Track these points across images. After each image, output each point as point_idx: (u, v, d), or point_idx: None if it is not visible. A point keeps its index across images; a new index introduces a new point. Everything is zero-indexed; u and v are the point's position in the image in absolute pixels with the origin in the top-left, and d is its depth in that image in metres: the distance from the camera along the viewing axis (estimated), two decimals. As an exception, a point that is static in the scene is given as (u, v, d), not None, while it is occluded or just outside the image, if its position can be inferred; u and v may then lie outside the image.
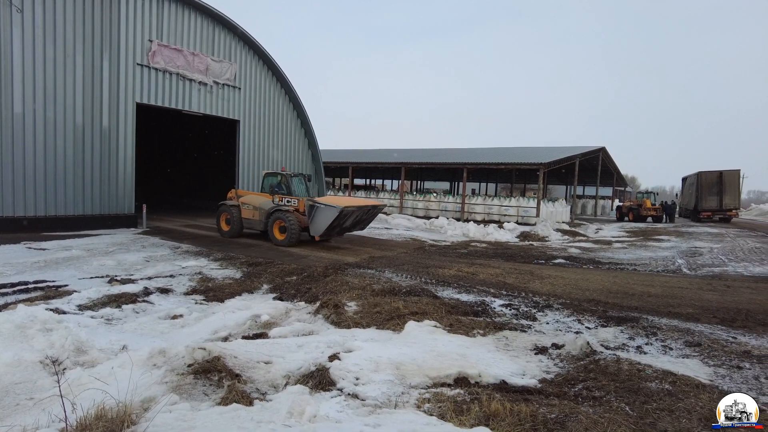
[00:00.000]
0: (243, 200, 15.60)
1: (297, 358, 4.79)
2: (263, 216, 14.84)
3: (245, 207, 15.41)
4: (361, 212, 14.21)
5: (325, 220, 13.17)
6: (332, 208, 13.02)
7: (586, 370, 4.85)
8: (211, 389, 3.96)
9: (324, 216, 13.16)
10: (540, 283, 9.85)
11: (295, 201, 14.56)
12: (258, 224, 15.06)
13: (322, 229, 13.35)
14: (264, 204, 15.02)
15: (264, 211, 14.84)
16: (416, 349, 5.05)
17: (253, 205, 15.19)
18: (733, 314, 7.46)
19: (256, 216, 15.07)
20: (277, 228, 14.38)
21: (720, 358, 5.32)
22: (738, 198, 36.09)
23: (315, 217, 13.32)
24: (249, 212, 15.30)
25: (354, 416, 3.71)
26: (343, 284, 8.60)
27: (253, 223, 15.25)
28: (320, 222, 13.28)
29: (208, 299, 8.08)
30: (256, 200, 15.33)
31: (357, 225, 14.89)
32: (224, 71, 20.04)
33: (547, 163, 26.88)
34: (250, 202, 15.37)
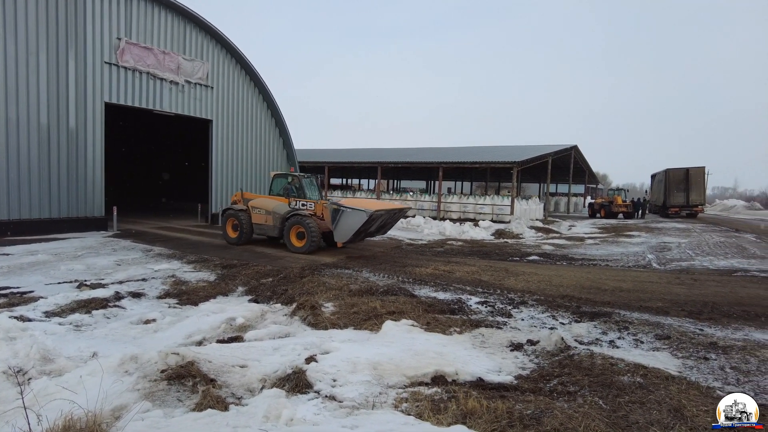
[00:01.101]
0: (253, 204, 14.37)
1: (273, 361, 4.74)
2: (278, 221, 13.65)
3: (256, 211, 14.21)
4: (387, 216, 13.40)
5: (352, 226, 12.27)
6: (361, 213, 12.12)
7: (560, 366, 4.94)
8: (185, 395, 3.88)
9: (351, 221, 12.25)
10: (515, 280, 9.98)
11: (311, 204, 13.59)
12: (271, 230, 13.89)
13: (348, 234, 12.45)
14: (278, 208, 13.82)
15: (279, 216, 13.64)
16: (394, 349, 5.05)
17: (266, 210, 13.99)
18: (700, 307, 7.69)
19: (269, 221, 13.88)
20: (295, 234, 13.30)
21: (688, 350, 5.48)
22: (703, 194, 37.28)
23: (340, 222, 12.40)
24: (261, 217, 14.09)
25: (331, 418, 3.69)
26: (319, 285, 8.54)
27: (265, 229, 14.07)
28: (347, 227, 12.37)
29: (181, 303, 7.92)
30: (268, 204, 14.09)
31: (380, 229, 14.07)
32: (196, 70, 19.69)
33: (521, 162, 27.25)
34: (261, 206, 14.16)
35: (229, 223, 14.76)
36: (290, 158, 24.98)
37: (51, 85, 15.15)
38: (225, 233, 14.80)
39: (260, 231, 14.24)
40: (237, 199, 15.22)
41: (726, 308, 7.63)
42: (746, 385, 4.52)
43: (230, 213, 14.72)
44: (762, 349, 5.47)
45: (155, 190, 31.98)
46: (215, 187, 21.06)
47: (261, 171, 23.38)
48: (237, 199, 15.25)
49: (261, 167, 23.36)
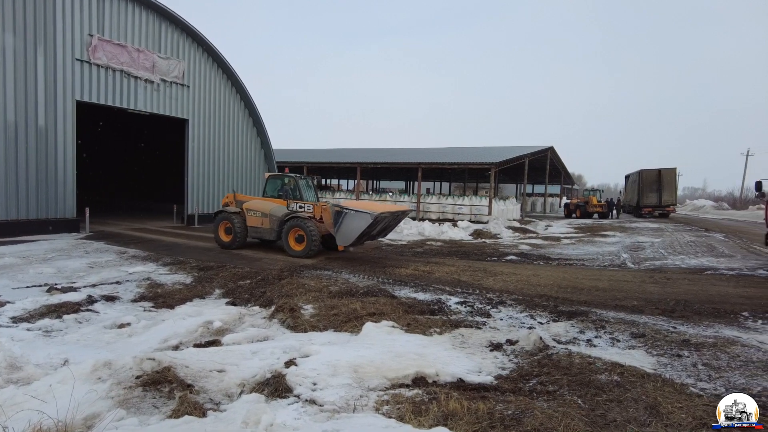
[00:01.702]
0: (248, 206, 13.81)
1: (252, 365, 4.67)
2: (275, 224, 13.17)
3: (251, 214, 13.66)
4: (391, 218, 12.95)
5: (356, 228, 11.81)
6: (365, 215, 11.64)
7: (539, 365, 4.98)
8: (161, 401, 3.79)
9: (355, 223, 11.79)
10: (493, 279, 10.06)
11: (310, 206, 13.21)
12: (268, 233, 13.42)
13: (352, 237, 11.98)
14: (276, 210, 13.36)
15: (276, 218, 13.18)
16: (374, 351, 5.03)
17: (262, 212, 13.47)
18: (673, 305, 7.88)
19: (265, 224, 13.38)
20: (293, 237, 12.81)
21: (662, 348, 5.59)
22: (675, 194, 38.29)
23: (343, 224, 11.93)
24: (256, 220, 13.56)
25: (312, 422, 3.65)
26: (299, 287, 8.46)
27: (261, 232, 13.59)
28: (350, 230, 11.90)
29: (157, 306, 7.75)
30: (265, 206, 13.59)
31: (382, 232, 13.64)
32: (172, 69, 19.34)
33: (498, 163, 27.55)
34: (257, 208, 13.62)
35: (221, 227, 14.10)
36: (268, 158, 24.74)
37: (18, 82, 14.68)
38: (217, 237, 14.15)
39: (255, 234, 13.76)
40: (229, 201, 14.71)
41: (697, 306, 7.83)
42: (717, 381, 4.63)
43: (223, 216, 14.09)
44: (731, 346, 5.62)
45: (130, 191, 31.29)
46: (191, 187, 20.72)
47: (238, 171, 23.10)
48: (229, 201, 14.75)
49: (238, 167, 23.09)
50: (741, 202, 58.24)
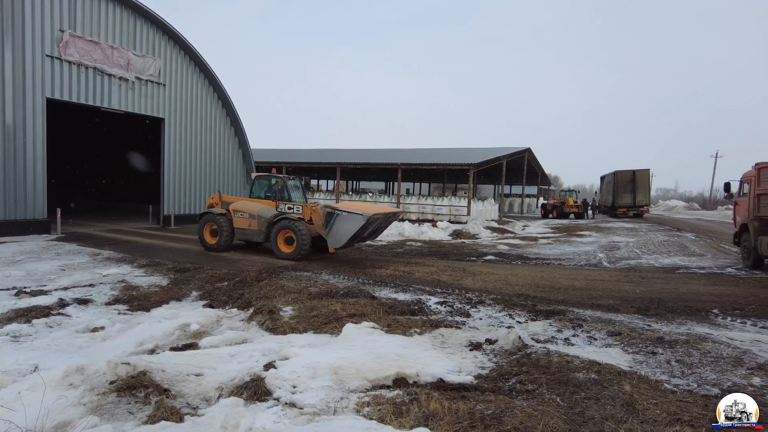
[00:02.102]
0: (235, 207, 13.43)
1: (230, 369, 4.61)
2: (263, 225, 12.82)
3: (239, 215, 13.28)
4: (383, 219, 12.81)
5: (348, 230, 11.63)
6: (358, 216, 11.48)
7: (518, 364, 5.03)
8: (136, 407, 3.70)
9: (348, 225, 11.60)
10: (472, 279, 10.13)
11: (299, 208, 12.98)
12: (256, 235, 13.03)
13: (344, 239, 11.83)
14: (264, 211, 13.00)
15: (265, 220, 12.82)
16: (355, 352, 5.01)
17: (250, 213, 13.10)
18: (647, 303, 8.05)
19: (253, 225, 13.01)
20: (283, 239, 12.48)
21: (638, 346, 5.71)
22: (649, 195, 39.22)
23: (335, 226, 11.75)
24: (243, 221, 13.18)
25: (292, 426, 3.61)
26: (277, 288, 8.38)
27: (249, 234, 13.21)
28: (342, 232, 11.73)
29: (132, 309, 7.58)
30: (252, 207, 13.21)
31: (373, 234, 13.44)
32: (147, 67, 18.96)
33: (477, 164, 27.77)
34: (244, 210, 13.25)
35: (206, 228, 13.67)
36: (246, 158, 24.48)
37: (-14, 79, 14.21)
38: (202, 239, 13.72)
39: (242, 236, 13.39)
40: (214, 202, 14.34)
41: (671, 304, 8.02)
42: (690, 377, 4.74)
43: (208, 217, 13.66)
44: (703, 342, 5.77)
45: (104, 192, 30.59)
46: (167, 187, 20.36)
47: (216, 171, 22.79)
48: (214, 201, 14.37)
49: (216, 167, 22.78)
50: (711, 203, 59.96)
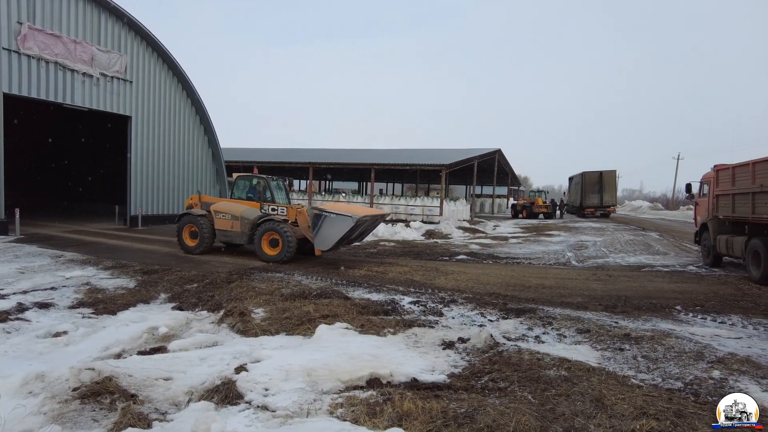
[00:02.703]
0: (216, 208, 12.95)
1: (200, 372, 4.51)
2: (247, 227, 12.39)
3: (220, 216, 12.79)
4: (370, 222, 12.66)
5: (336, 232, 11.41)
6: (347, 218, 11.26)
7: (490, 362, 5.09)
8: (101, 414, 3.58)
9: (336, 227, 11.38)
10: (445, 279, 10.21)
11: (284, 209, 12.62)
12: (238, 237, 12.61)
13: (332, 242, 11.59)
14: (248, 213, 12.56)
15: (248, 222, 12.38)
16: (328, 354, 4.97)
17: (232, 214, 12.63)
18: (615, 301, 8.27)
19: (236, 227, 12.56)
20: (267, 241, 12.13)
21: (606, 342, 5.85)
22: (615, 196, 40.36)
23: (323, 228, 11.51)
24: (225, 222, 12.71)
25: (264, 429, 3.57)
26: (249, 290, 8.26)
27: (231, 236, 12.76)
28: (330, 234, 11.49)
29: (97, 312, 7.33)
30: (235, 208, 12.77)
31: (360, 236, 13.24)
32: (113, 62, 18.39)
33: (449, 165, 28.03)
34: (226, 211, 12.79)
35: (186, 230, 13.18)
36: (216, 157, 24.05)
37: (-62, 73, 13.54)
38: (181, 241, 13.24)
39: (224, 238, 12.97)
40: (193, 203, 13.84)
41: (637, 301, 8.25)
42: (655, 372, 4.89)
43: (188, 218, 13.13)
44: (667, 338, 5.96)
45: (68, 192, 29.54)
46: (134, 187, 19.80)
47: (184, 170, 22.29)
48: (193, 202, 13.87)
49: (184, 166, 22.28)
50: (673, 203, 62.11)
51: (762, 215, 9.71)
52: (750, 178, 10.14)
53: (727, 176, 11.47)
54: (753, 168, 10.08)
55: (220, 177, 24.49)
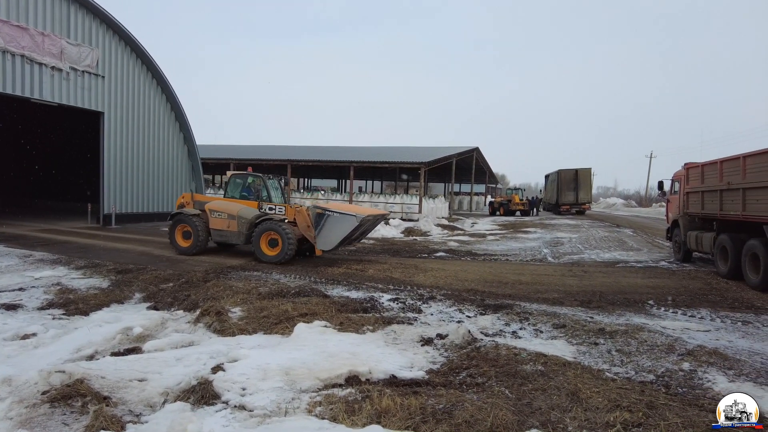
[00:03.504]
0: (211, 207, 12.49)
1: (176, 373, 4.44)
2: (244, 227, 11.95)
3: (216, 216, 12.34)
4: (372, 221, 12.50)
5: (339, 232, 11.29)
6: (350, 217, 11.18)
7: (468, 358, 5.13)
8: (72, 418, 3.49)
9: (339, 227, 11.26)
10: (424, 276, 10.25)
11: (282, 208, 12.25)
12: (235, 237, 12.16)
13: (335, 242, 11.46)
14: (245, 212, 12.13)
15: (246, 221, 11.96)
16: (306, 352, 4.95)
17: (229, 213, 12.18)
18: (590, 296, 8.43)
19: (232, 227, 12.11)
20: (266, 241, 11.71)
21: (581, 337, 5.96)
22: (590, 193, 41.12)
23: (325, 227, 11.36)
24: (221, 222, 12.25)
25: (242, 429, 3.53)
26: (226, 289, 8.16)
27: (227, 236, 12.29)
28: (333, 234, 11.35)
29: (69, 313, 7.14)
30: (232, 207, 12.32)
31: (361, 236, 13.09)
32: (83, 56, 17.88)
33: (428, 162, 28.15)
34: (222, 210, 12.32)
35: (178, 230, 12.71)
36: (192, 155, 23.66)
37: None
38: (174, 242, 12.80)
39: (220, 238, 12.50)
40: (185, 202, 13.38)
41: (611, 296, 8.43)
42: (628, 365, 5.00)
43: (181, 218, 12.65)
44: (640, 332, 6.10)
45: (37, 190, 28.68)
46: (107, 185, 19.31)
47: (159, 167, 21.86)
48: (185, 201, 13.41)
49: (159, 163, 21.85)
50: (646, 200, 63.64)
51: (729, 212, 10.00)
52: (718, 176, 10.43)
53: (696, 174, 11.78)
54: (721, 166, 10.37)
55: (196, 174, 24.11)
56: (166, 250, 13.07)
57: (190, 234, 12.61)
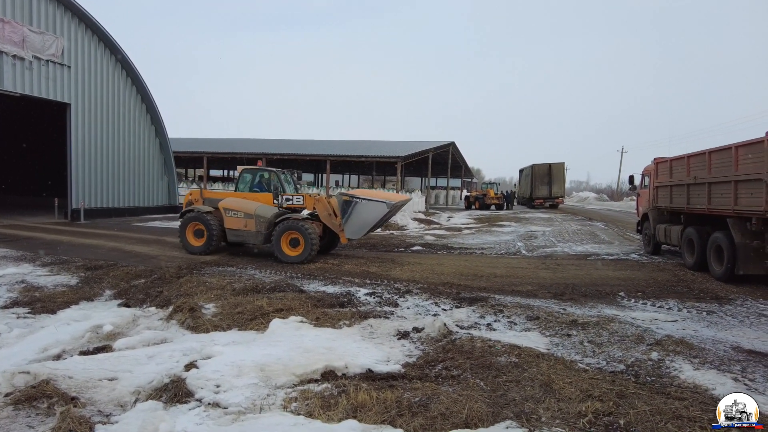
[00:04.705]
0: (225, 205, 11.79)
1: (148, 371, 4.35)
2: (263, 226, 11.32)
3: (231, 215, 11.65)
4: (399, 207, 12.20)
5: (369, 219, 11.03)
6: (380, 204, 10.91)
7: (444, 351, 5.17)
8: (38, 420, 3.38)
9: (368, 213, 10.96)
10: (400, 270, 10.28)
11: (300, 198, 11.84)
12: (252, 237, 11.54)
13: (363, 229, 11.20)
14: (263, 211, 11.49)
15: (265, 220, 11.31)
16: (281, 348, 4.91)
17: (245, 212, 11.52)
18: (563, 289, 8.58)
19: (250, 226, 11.45)
20: (287, 241, 11.08)
21: (554, 329, 6.06)
22: (563, 187, 41.83)
23: (353, 214, 10.99)
24: (238, 221, 11.59)
25: (216, 427, 3.48)
26: (199, 285, 8.02)
27: (244, 236, 11.66)
28: (361, 221, 11.04)
29: (34, 312, 6.93)
30: (248, 206, 11.63)
31: (383, 223, 12.83)
32: (47, 45, 17.25)
33: (404, 157, 28.21)
34: (238, 208, 11.64)
35: (189, 229, 11.92)
36: (164, 148, 23.17)
37: None
38: (185, 241, 11.96)
39: (236, 238, 11.86)
40: (194, 199, 12.63)
41: (583, 289, 8.60)
42: (600, 356, 5.12)
43: (192, 216, 11.89)
44: (611, 323, 6.24)
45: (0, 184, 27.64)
46: (75, 179, 18.77)
47: (130, 161, 21.35)
48: (194, 198, 12.68)
49: (130, 157, 21.33)
50: (618, 194, 65.11)
51: (695, 206, 10.31)
52: (686, 171, 10.73)
53: (665, 169, 12.10)
54: (688, 161, 10.67)
55: (169, 168, 23.62)
56: (137, 246, 12.79)
57: (202, 233, 11.85)
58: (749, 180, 8.33)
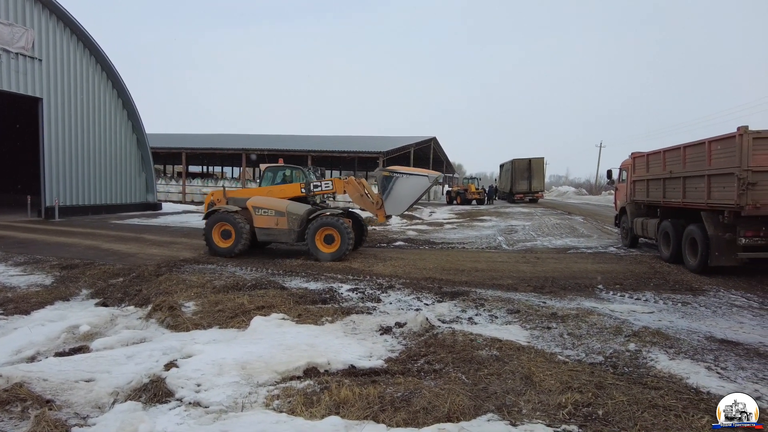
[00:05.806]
0: (254, 203, 11.49)
1: (126, 371, 4.28)
2: (296, 224, 11.11)
3: (261, 213, 11.35)
4: (435, 183, 12.24)
5: (411, 193, 11.04)
6: (422, 178, 10.95)
7: (426, 345, 5.20)
8: (11, 424, 3.30)
9: (409, 188, 10.95)
10: (383, 265, 10.30)
11: (329, 183, 12.05)
12: (285, 235, 11.28)
13: (405, 204, 11.29)
14: (295, 207, 11.32)
15: (297, 217, 11.14)
16: (263, 345, 4.87)
17: (276, 210, 11.24)
18: (543, 282, 8.70)
19: (282, 224, 11.18)
20: (322, 238, 10.94)
21: (534, 322, 6.14)
22: (543, 182, 42.29)
23: (394, 189, 10.99)
24: (269, 220, 11.29)
25: (197, 426, 3.44)
26: (179, 283, 7.91)
27: (276, 234, 11.38)
28: (403, 196, 11.04)
29: (7, 313, 6.75)
30: (279, 203, 11.37)
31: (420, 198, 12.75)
32: (17, 37, 16.75)
33: (386, 152, 28.21)
34: (268, 206, 11.35)
35: (216, 230, 11.45)
36: (141, 143, 22.75)
37: None
38: (211, 242, 11.49)
39: (267, 236, 11.56)
40: (217, 199, 12.25)
41: (563, 282, 8.73)
42: (579, 348, 5.20)
43: (219, 216, 11.49)
44: (590, 315, 6.35)
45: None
46: (49, 176, 18.32)
47: (106, 157, 20.91)
48: (217, 198, 12.30)
49: (106, 153, 20.88)
50: (596, 189, 66.11)
51: (671, 199, 10.53)
52: (661, 165, 10.95)
53: (642, 163, 12.32)
54: (664, 156, 10.88)
55: (146, 164, 23.20)
56: (115, 244, 12.55)
57: (229, 233, 11.42)
58: (722, 174, 8.54)
